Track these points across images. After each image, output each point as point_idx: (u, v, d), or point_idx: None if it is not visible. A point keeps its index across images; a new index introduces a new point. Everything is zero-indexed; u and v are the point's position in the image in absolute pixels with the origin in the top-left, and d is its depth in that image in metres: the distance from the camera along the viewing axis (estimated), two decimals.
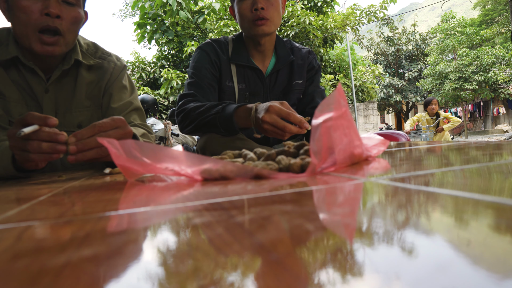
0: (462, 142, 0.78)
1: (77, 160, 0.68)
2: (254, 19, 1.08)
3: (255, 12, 1.07)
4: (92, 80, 1.04)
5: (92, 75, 1.04)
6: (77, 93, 1.00)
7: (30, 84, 0.95)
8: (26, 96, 0.96)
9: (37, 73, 0.94)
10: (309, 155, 0.45)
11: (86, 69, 1.03)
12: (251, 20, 1.08)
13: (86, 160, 0.69)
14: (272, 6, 1.08)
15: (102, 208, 0.29)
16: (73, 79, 1.01)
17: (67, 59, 0.98)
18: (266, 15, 1.08)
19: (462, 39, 16.28)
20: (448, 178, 0.31)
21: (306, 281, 0.13)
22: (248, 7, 1.08)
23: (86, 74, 1.03)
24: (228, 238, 0.18)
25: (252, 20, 1.08)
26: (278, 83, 1.20)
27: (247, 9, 1.08)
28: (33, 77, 0.95)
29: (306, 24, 8.15)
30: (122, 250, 0.18)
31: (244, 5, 1.08)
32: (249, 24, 1.09)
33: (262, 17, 1.07)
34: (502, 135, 13.03)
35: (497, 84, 15.22)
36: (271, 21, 1.09)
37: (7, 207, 0.34)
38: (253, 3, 1.07)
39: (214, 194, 0.33)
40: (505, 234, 0.16)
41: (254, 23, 1.08)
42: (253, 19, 1.08)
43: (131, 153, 0.44)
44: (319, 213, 0.22)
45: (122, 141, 0.45)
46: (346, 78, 10.66)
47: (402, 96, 18.96)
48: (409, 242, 0.16)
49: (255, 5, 1.07)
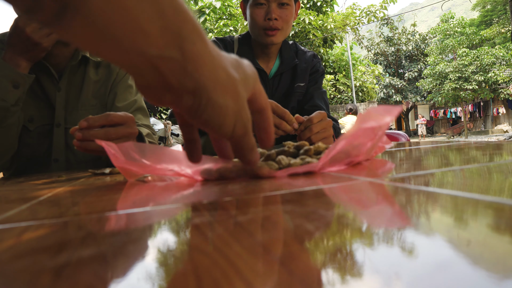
0: (462, 142, 0.78)
1: (80, 148, 0.68)
2: (266, 28, 1.08)
3: (268, 21, 1.07)
4: (99, 78, 1.05)
5: (100, 74, 1.05)
6: (84, 91, 1.01)
7: (41, 83, 0.97)
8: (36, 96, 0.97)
9: (49, 71, 0.96)
10: (309, 155, 0.45)
11: (94, 66, 1.04)
12: (263, 28, 1.08)
13: (89, 151, 0.69)
14: (286, 16, 1.08)
15: (102, 208, 0.29)
16: (81, 78, 1.02)
17: (75, 56, 0.99)
18: (278, 26, 1.08)
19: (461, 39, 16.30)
20: (448, 178, 0.31)
21: (308, 281, 0.13)
22: (262, 15, 1.07)
23: (94, 73, 1.04)
24: (228, 238, 0.18)
25: (263, 29, 1.08)
26: (281, 85, 1.20)
27: (261, 16, 1.08)
28: (44, 75, 0.96)
29: (305, 23, 8.15)
30: (122, 250, 0.18)
31: (258, 11, 1.08)
32: (259, 32, 1.09)
33: (274, 28, 1.07)
34: (502, 135, 13.04)
35: (497, 84, 15.23)
36: (281, 32, 1.09)
37: (7, 207, 0.34)
38: (267, 12, 1.07)
39: (214, 194, 0.33)
40: (505, 234, 0.16)
41: (265, 32, 1.08)
42: (264, 28, 1.08)
43: (130, 155, 0.44)
44: (319, 214, 0.22)
45: (120, 144, 0.45)
46: (346, 78, 10.66)
47: (402, 96, 18.97)
48: (409, 242, 0.16)
49: (269, 14, 1.06)
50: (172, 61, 0.28)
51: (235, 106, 0.32)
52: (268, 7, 1.06)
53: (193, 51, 0.28)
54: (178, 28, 0.27)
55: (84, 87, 1.01)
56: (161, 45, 0.27)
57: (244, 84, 0.34)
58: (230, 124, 0.33)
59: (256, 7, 1.07)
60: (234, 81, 0.32)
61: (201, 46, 0.29)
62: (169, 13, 0.26)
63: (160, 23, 0.26)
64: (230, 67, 0.32)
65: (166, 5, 0.26)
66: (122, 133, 0.72)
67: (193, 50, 0.28)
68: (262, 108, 0.39)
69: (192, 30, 0.28)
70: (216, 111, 0.31)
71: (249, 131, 0.35)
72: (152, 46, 0.26)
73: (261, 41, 1.10)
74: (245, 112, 0.34)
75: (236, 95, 0.32)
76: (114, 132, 0.71)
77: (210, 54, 0.30)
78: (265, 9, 1.07)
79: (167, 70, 0.28)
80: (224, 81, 0.31)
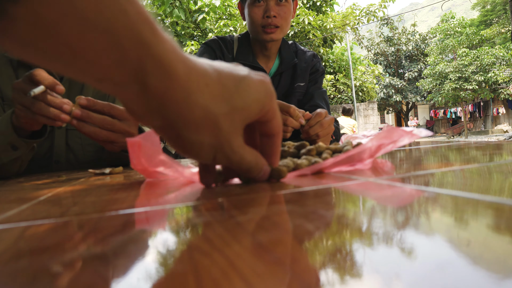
0: (462, 142, 0.78)
1: (76, 126, 0.68)
2: (265, 26, 1.08)
3: (267, 19, 1.07)
4: None
5: None
6: (84, 92, 1.01)
7: None
8: None
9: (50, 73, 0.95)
10: (312, 155, 0.45)
11: None
12: (261, 26, 1.08)
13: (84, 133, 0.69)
14: (284, 14, 1.09)
15: (102, 208, 0.29)
16: None
17: None
18: (277, 23, 1.08)
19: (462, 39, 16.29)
20: (448, 178, 0.31)
21: (308, 281, 0.13)
22: (260, 13, 1.08)
23: None
24: (228, 238, 0.18)
25: (262, 26, 1.08)
26: (281, 85, 1.21)
27: (259, 14, 1.08)
28: None
29: (305, 23, 8.14)
30: (122, 250, 0.18)
31: (256, 9, 1.08)
32: (258, 29, 1.10)
33: (273, 25, 1.07)
34: (502, 135, 13.04)
35: (497, 84, 15.24)
36: (281, 29, 1.10)
37: (7, 207, 0.34)
38: (266, 10, 1.07)
39: (214, 194, 0.33)
40: (505, 234, 0.16)
41: (264, 30, 1.09)
42: (263, 25, 1.08)
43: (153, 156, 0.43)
44: (319, 213, 0.22)
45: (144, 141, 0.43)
46: (346, 78, 10.66)
47: (402, 96, 18.97)
48: (409, 242, 0.16)
49: (268, 12, 1.06)
50: (132, 94, 0.25)
51: (214, 142, 0.29)
52: (267, 5, 1.06)
53: (158, 87, 0.25)
54: (138, 62, 0.24)
55: (85, 89, 1.01)
56: (117, 77, 0.24)
57: (237, 111, 0.29)
58: (208, 157, 0.30)
59: (254, 5, 1.07)
60: (214, 118, 0.28)
61: (169, 83, 0.25)
62: (127, 45, 0.23)
63: (116, 55, 0.23)
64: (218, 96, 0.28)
65: (124, 36, 0.23)
66: (118, 127, 0.71)
67: (158, 87, 0.25)
68: (271, 134, 0.34)
69: (158, 65, 0.24)
70: (188, 146, 0.28)
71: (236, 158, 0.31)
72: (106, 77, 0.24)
73: (260, 39, 1.10)
74: (229, 143, 0.30)
75: (215, 131, 0.28)
76: (110, 123, 0.70)
77: (184, 91, 0.26)
78: (264, 7, 1.07)
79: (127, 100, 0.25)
80: (198, 119, 0.27)
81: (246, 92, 0.30)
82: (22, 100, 0.67)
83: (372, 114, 10.36)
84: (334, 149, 0.47)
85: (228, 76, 0.29)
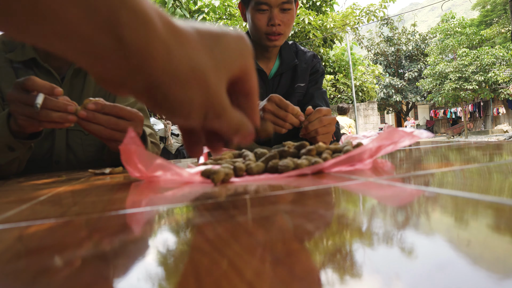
0: (462, 142, 0.78)
1: (80, 124, 0.68)
2: (269, 33, 1.08)
3: (271, 27, 1.07)
4: None
5: None
6: (85, 94, 1.01)
7: None
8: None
9: (51, 75, 0.96)
10: (312, 155, 0.45)
11: None
12: (265, 33, 1.08)
13: (88, 130, 0.69)
14: (288, 21, 1.08)
15: (102, 208, 0.29)
16: (83, 80, 1.02)
17: None
18: (281, 31, 1.08)
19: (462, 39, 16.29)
20: (448, 178, 0.31)
21: (308, 281, 0.13)
22: (265, 20, 1.07)
23: None
24: (228, 238, 0.18)
25: (265, 33, 1.08)
26: (281, 86, 1.21)
27: (263, 22, 1.07)
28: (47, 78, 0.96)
29: (305, 23, 8.14)
30: (122, 250, 0.18)
31: (260, 16, 1.07)
32: (261, 36, 1.09)
33: (277, 33, 1.07)
34: (502, 135, 13.04)
35: (497, 84, 15.23)
36: (284, 36, 1.10)
37: (7, 207, 0.34)
38: (270, 17, 1.06)
39: (214, 194, 0.33)
40: (505, 234, 0.16)
41: (268, 37, 1.08)
42: (267, 33, 1.08)
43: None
44: (319, 213, 0.22)
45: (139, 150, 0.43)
46: (346, 78, 10.66)
47: (402, 96, 18.97)
48: (409, 242, 0.16)
49: (272, 20, 1.06)
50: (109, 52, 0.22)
51: (203, 98, 0.27)
52: (271, 13, 1.06)
53: (136, 41, 0.22)
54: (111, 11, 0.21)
55: (85, 89, 1.01)
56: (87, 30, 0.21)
57: (221, 67, 0.28)
58: (198, 117, 0.28)
59: (258, 12, 1.07)
60: (201, 72, 0.26)
61: (148, 35, 0.23)
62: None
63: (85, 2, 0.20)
64: (201, 51, 0.27)
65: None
66: (123, 126, 0.72)
67: (136, 40, 0.22)
68: (248, 93, 0.32)
69: (133, 15, 0.22)
70: (177, 106, 0.26)
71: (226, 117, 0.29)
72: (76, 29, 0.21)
73: (263, 44, 1.11)
74: (219, 99, 0.28)
75: (204, 85, 0.27)
76: (115, 122, 0.71)
77: (165, 45, 0.24)
78: (268, 14, 1.06)
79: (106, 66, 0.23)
80: (185, 74, 0.25)
81: (227, 48, 0.29)
82: (24, 111, 0.67)
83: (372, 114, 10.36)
84: (334, 149, 0.47)
85: (207, 33, 0.28)
